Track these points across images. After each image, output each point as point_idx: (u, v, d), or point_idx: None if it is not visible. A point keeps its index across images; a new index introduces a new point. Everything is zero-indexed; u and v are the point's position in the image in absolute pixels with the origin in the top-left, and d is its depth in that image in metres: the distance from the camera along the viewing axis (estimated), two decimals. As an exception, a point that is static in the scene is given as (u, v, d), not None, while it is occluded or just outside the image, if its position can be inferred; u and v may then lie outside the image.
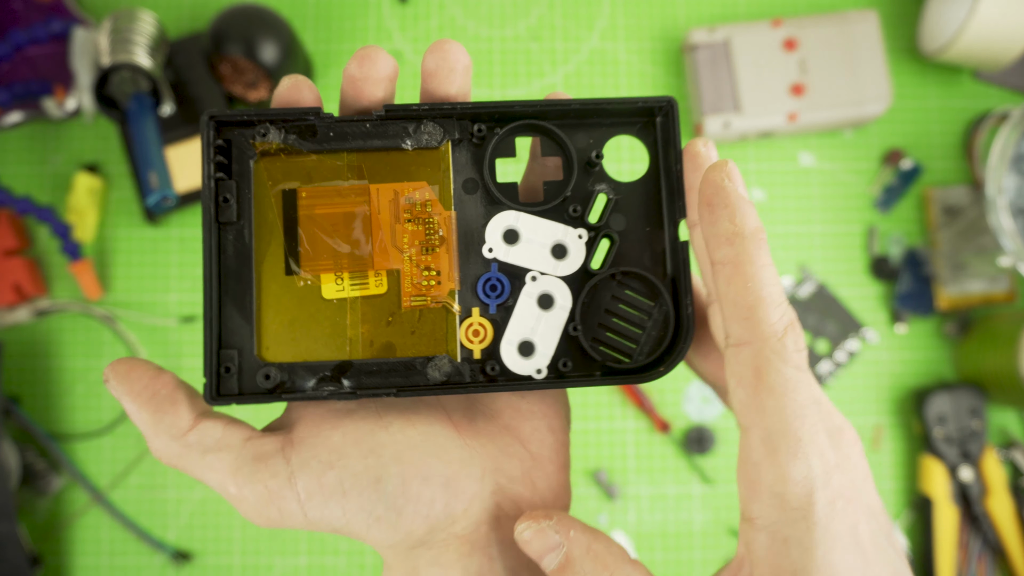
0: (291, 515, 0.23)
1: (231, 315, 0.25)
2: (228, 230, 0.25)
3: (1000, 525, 0.62)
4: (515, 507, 0.26)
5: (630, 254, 0.26)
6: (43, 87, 0.65)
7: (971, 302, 0.66)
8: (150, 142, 0.58)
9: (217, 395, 0.25)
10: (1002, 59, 0.63)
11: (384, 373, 0.25)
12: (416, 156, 0.25)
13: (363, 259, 0.25)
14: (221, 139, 0.24)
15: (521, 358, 0.25)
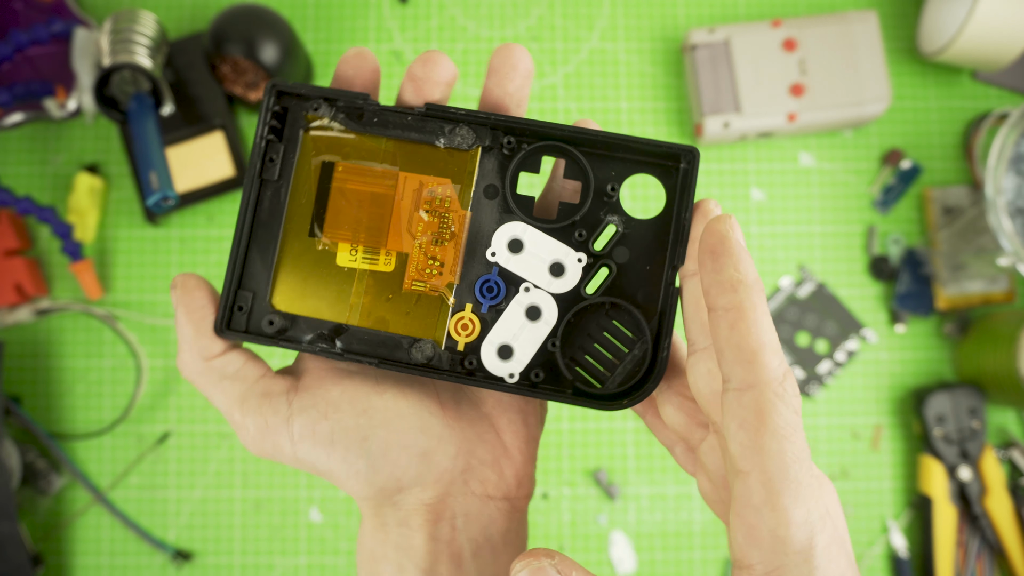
0: (282, 451, 0.26)
1: (254, 260, 0.27)
2: (268, 187, 0.27)
3: (999, 524, 0.62)
4: (482, 488, 0.28)
5: (625, 287, 0.27)
6: (44, 87, 0.65)
7: (970, 302, 0.66)
8: (151, 142, 0.58)
9: (226, 328, 0.27)
10: (1001, 59, 0.63)
11: (373, 343, 0.27)
12: (447, 154, 0.27)
13: (378, 237, 0.27)
14: (279, 106, 0.27)
15: (499, 360, 0.27)
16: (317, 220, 0.27)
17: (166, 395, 0.66)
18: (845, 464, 0.66)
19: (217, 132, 0.67)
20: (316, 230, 0.27)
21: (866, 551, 0.65)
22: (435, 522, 0.27)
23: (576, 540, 0.65)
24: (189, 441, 0.66)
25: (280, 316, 0.27)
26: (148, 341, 0.67)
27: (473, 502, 0.27)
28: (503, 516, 0.28)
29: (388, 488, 0.27)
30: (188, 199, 0.66)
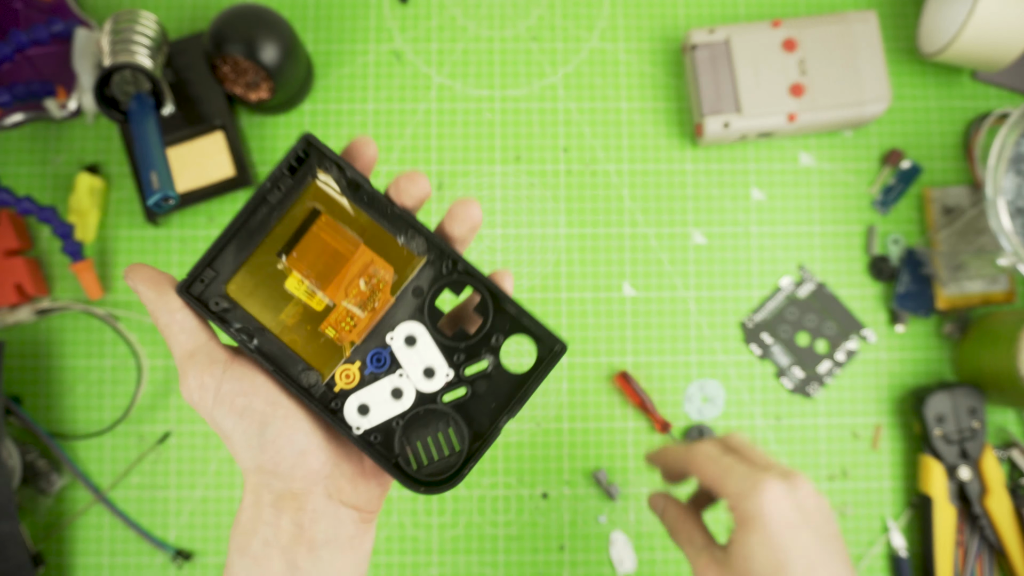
0: (203, 406, 0.32)
1: (229, 251, 0.33)
2: (265, 205, 0.33)
3: (999, 524, 0.63)
4: (339, 495, 0.34)
5: (471, 410, 0.34)
6: (45, 88, 0.65)
7: (970, 302, 0.66)
8: (151, 142, 0.58)
9: (185, 291, 0.33)
10: (1001, 59, 0.63)
11: (278, 353, 0.33)
12: (401, 249, 0.33)
13: (323, 282, 0.33)
14: (303, 152, 0.33)
15: (357, 413, 0.33)
16: (287, 247, 0.33)
17: (167, 395, 0.66)
18: (845, 464, 0.66)
19: (217, 132, 0.67)
20: (283, 253, 0.33)
21: (866, 551, 0.65)
22: (298, 510, 0.33)
23: (576, 540, 0.65)
24: (190, 441, 0.66)
25: (227, 300, 0.33)
26: (149, 341, 0.67)
27: (329, 504, 0.33)
28: (351, 523, 0.34)
29: (267, 468, 0.32)
30: (188, 199, 0.66)
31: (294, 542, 0.33)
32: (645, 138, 0.69)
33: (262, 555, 0.33)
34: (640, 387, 0.65)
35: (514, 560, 0.65)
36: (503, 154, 0.69)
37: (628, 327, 0.67)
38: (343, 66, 0.70)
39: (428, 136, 0.69)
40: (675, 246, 0.68)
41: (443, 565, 0.65)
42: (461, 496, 0.66)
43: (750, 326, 0.67)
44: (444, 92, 0.70)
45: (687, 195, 0.69)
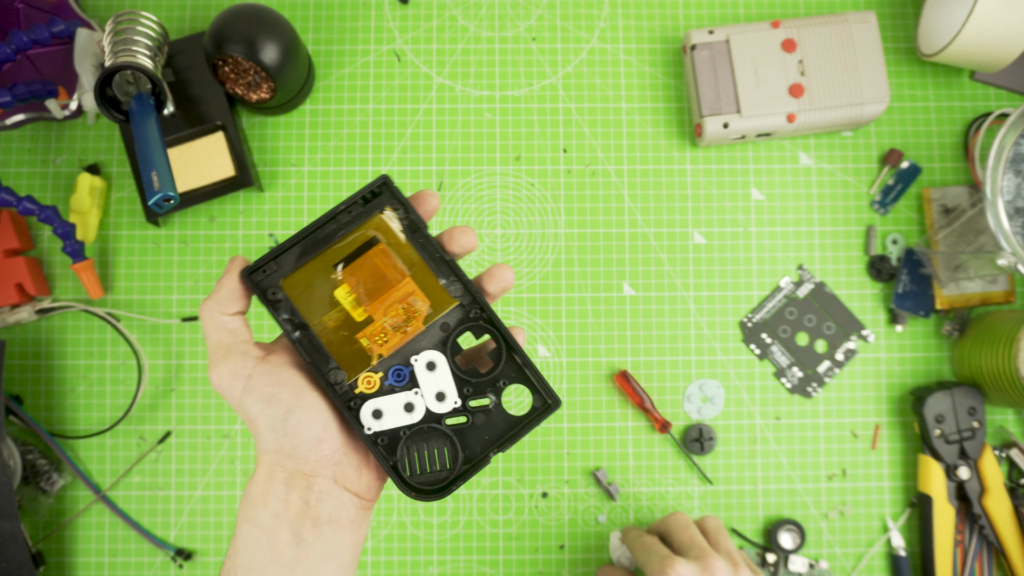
0: (232, 393, 0.36)
1: (294, 251, 0.38)
2: (335, 222, 0.39)
3: (998, 524, 0.63)
4: (343, 481, 0.38)
5: (468, 436, 0.39)
6: (46, 88, 0.65)
7: (969, 302, 0.66)
8: (152, 142, 0.58)
9: (248, 276, 0.38)
10: (1000, 60, 0.64)
11: (314, 348, 0.38)
12: (440, 288, 0.39)
13: (368, 299, 0.39)
14: (377, 188, 0.39)
15: (371, 416, 0.38)
16: (345, 262, 0.39)
17: (167, 395, 0.67)
18: (845, 464, 0.66)
19: (217, 132, 0.67)
20: (340, 267, 0.39)
21: (866, 551, 0.66)
22: (307, 489, 0.36)
23: (576, 539, 0.65)
24: (190, 440, 0.66)
25: (281, 292, 0.38)
26: (149, 341, 0.67)
27: (335, 487, 0.37)
28: (352, 507, 0.38)
29: (284, 450, 0.36)
30: (189, 199, 0.66)
31: (301, 516, 0.36)
32: (645, 138, 0.69)
33: (271, 526, 0.36)
34: (640, 387, 0.65)
35: (514, 560, 0.65)
36: (503, 154, 0.69)
37: (628, 327, 0.67)
38: (343, 66, 0.70)
39: (428, 136, 0.69)
40: (675, 246, 0.68)
41: (443, 565, 0.65)
42: (461, 496, 0.66)
43: (749, 326, 0.68)
44: (444, 92, 0.70)
45: (687, 195, 0.69)
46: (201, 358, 0.67)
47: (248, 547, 0.36)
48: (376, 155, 0.69)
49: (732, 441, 0.66)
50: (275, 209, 0.69)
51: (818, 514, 0.66)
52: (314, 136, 0.69)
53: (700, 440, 0.65)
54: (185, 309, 0.67)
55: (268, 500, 0.36)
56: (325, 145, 0.69)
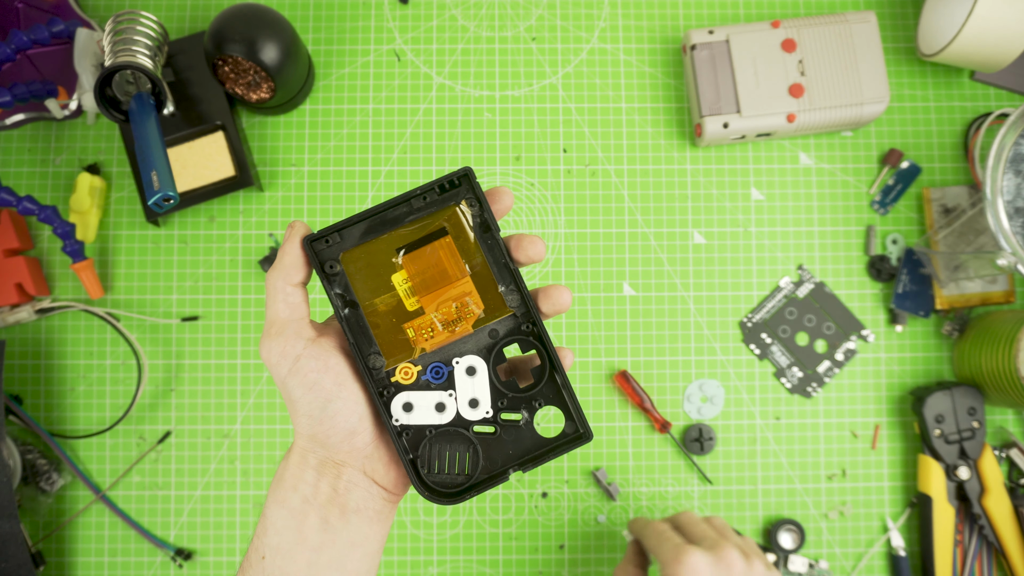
0: (279, 371, 0.36)
1: (360, 228, 0.38)
2: (407, 205, 0.38)
3: (998, 523, 0.63)
4: (372, 474, 0.38)
5: (491, 446, 0.38)
6: (46, 88, 0.65)
7: (969, 302, 0.66)
8: (152, 142, 0.58)
9: (309, 244, 0.37)
10: (1000, 60, 0.64)
11: (361, 330, 0.38)
12: (497, 295, 0.38)
13: (422, 290, 0.38)
14: (456, 179, 0.38)
15: (401, 407, 0.38)
16: (408, 248, 0.38)
17: (167, 394, 0.67)
18: (844, 464, 0.66)
19: (217, 132, 0.67)
20: (402, 252, 0.38)
21: (866, 551, 0.66)
22: (336, 477, 0.37)
23: (576, 539, 0.65)
24: (190, 440, 0.66)
25: (339, 266, 0.38)
26: (149, 341, 0.67)
27: (363, 479, 0.38)
28: (379, 499, 0.38)
29: (319, 437, 0.37)
30: (189, 199, 0.66)
31: (329, 503, 0.37)
32: (645, 138, 0.69)
33: (300, 509, 0.37)
34: (640, 386, 0.65)
35: (514, 560, 0.65)
36: (503, 154, 0.69)
37: (628, 327, 0.67)
38: (343, 66, 0.70)
39: (428, 136, 0.69)
40: (675, 246, 0.68)
41: (443, 565, 0.65)
42: (461, 496, 0.66)
43: (749, 326, 0.68)
44: (444, 92, 0.70)
45: (687, 195, 0.69)
46: (200, 358, 0.67)
47: (277, 528, 0.37)
48: (376, 155, 0.69)
49: (732, 441, 0.66)
50: (275, 209, 0.69)
51: (818, 514, 0.66)
52: (314, 136, 0.69)
53: (700, 440, 0.65)
54: (185, 309, 0.67)
55: (298, 484, 0.37)
56: (325, 145, 0.69)
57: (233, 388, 0.67)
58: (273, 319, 0.37)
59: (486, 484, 0.38)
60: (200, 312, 0.67)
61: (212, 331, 0.67)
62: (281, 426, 0.66)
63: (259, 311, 0.67)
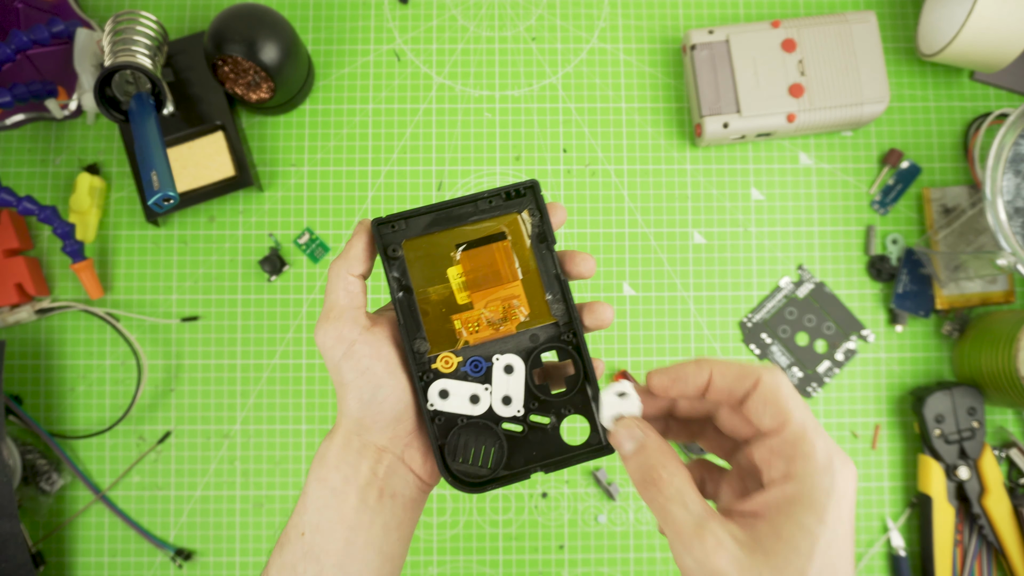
0: (333, 355, 0.38)
1: (425, 219, 0.40)
2: (474, 205, 0.40)
3: (997, 523, 0.63)
4: (410, 462, 0.39)
5: (517, 443, 0.39)
6: (46, 88, 0.65)
7: (969, 302, 0.66)
8: (151, 142, 0.58)
9: (378, 225, 0.39)
10: (1000, 60, 0.64)
11: (411, 314, 0.40)
12: (544, 302, 0.40)
13: (473, 286, 0.40)
14: (523, 189, 0.40)
15: (437, 392, 0.39)
16: (468, 245, 0.40)
17: (167, 395, 0.67)
18: (844, 464, 0.66)
19: (217, 132, 0.67)
20: (462, 248, 0.40)
21: (866, 550, 0.66)
22: (377, 461, 0.38)
23: (576, 539, 0.65)
24: (190, 440, 0.66)
25: (400, 251, 0.40)
26: (149, 341, 0.67)
27: (401, 465, 0.39)
28: (414, 487, 0.40)
29: (365, 422, 0.38)
30: (188, 199, 0.66)
31: (369, 485, 0.38)
32: (645, 138, 0.69)
33: (340, 489, 0.38)
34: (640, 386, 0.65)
35: (514, 560, 0.65)
36: (503, 154, 0.69)
37: (628, 327, 0.67)
38: (343, 66, 0.70)
39: (428, 136, 0.69)
40: (675, 246, 0.68)
41: (443, 565, 0.65)
42: (461, 496, 0.66)
43: (749, 326, 0.68)
44: (444, 92, 0.70)
45: (687, 195, 0.69)
46: (200, 358, 0.67)
47: (317, 506, 0.38)
48: (376, 155, 0.69)
49: (732, 441, 0.66)
50: (275, 209, 0.68)
51: (818, 514, 0.66)
52: (314, 136, 0.69)
53: (700, 440, 0.65)
54: (185, 309, 0.67)
55: (340, 464, 0.38)
56: (325, 145, 0.69)
57: (233, 388, 0.67)
58: (332, 304, 0.39)
59: (507, 480, 0.39)
60: (200, 312, 0.67)
61: (212, 331, 0.67)
62: (281, 426, 0.66)
63: (258, 311, 0.67)
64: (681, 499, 0.31)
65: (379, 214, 0.68)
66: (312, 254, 0.68)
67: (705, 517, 0.30)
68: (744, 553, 0.28)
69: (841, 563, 0.29)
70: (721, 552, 0.29)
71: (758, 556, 0.28)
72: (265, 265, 0.67)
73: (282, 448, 0.66)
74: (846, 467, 0.30)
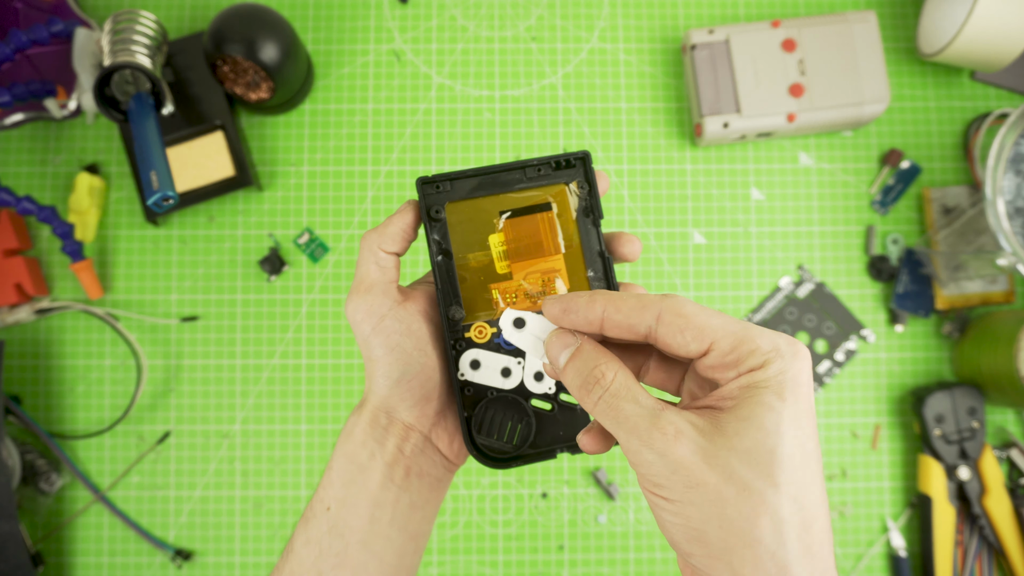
0: (362, 329, 0.37)
1: (470, 183, 0.39)
2: (520, 172, 0.39)
3: (998, 524, 0.63)
4: (437, 441, 0.39)
5: (544, 424, 0.39)
6: (45, 87, 0.65)
7: (969, 302, 0.66)
8: (151, 142, 0.58)
9: (423, 184, 0.38)
10: (1000, 60, 0.64)
11: (449, 279, 0.38)
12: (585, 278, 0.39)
13: (515, 256, 0.39)
14: (574, 159, 0.39)
15: (468, 363, 0.38)
16: (512, 213, 0.39)
17: (166, 395, 0.66)
18: (844, 464, 0.66)
19: (217, 132, 0.67)
20: (505, 215, 0.39)
21: (866, 550, 0.65)
22: (404, 440, 0.38)
23: (575, 539, 0.65)
24: (189, 441, 0.66)
25: (443, 213, 0.38)
26: (148, 341, 0.67)
27: (428, 445, 0.38)
28: (440, 467, 0.39)
29: (393, 399, 0.38)
30: (188, 199, 0.66)
31: (395, 462, 0.38)
32: (645, 138, 0.69)
33: (367, 465, 0.37)
34: (640, 387, 0.65)
35: (514, 560, 0.65)
36: (503, 154, 0.69)
37: (628, 327, 0.67)
38: (343, 66, 0.70)
39: (428, 136, 0.69)
40: (675, 246, 0.68)
41: (443, 565, 0.65)
42: (461, 496, 0.66)
43: (750, 326, 0.67)
44: (444, 92, 0.70)
45: (687, 195, 0.69)
46: (200, 358, 0.67)
47: (344, 480, 0.38)
48: (376, 155, 0.69)
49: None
50: (275, 209, 0.68)
51: (818, 514, 0.66)
52: (314, 136, 0.69)
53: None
54: (184, 309, 0.67)
55: (367, 440, 0.38)
56: (325, 145, 0.69)
57: (233, 388, 0.67)
58: (363, 277, 0.38)
59: (532, 458, 0.38)
60: (200, 312, 0.67)
61: (212, 331, 0.67)
62: (280, 426, 0.66)
63: (258, 311, 0.67)
64: (630, 394, 0.29)
65: (379, 214, 0.68)
66: (312, 254, 0.68)
67: (659, 408, 0.28)
68: (706, 439, 0.27)
69: (810, 444, 0.27)
70: (682, 440, 0.27)
71: (721, 439, 0.27)
72: (265, 265, 0.67)
73: (282, 448, 0.66)
74: (796, 350, 0.28)
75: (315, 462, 0.66)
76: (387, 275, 0.38)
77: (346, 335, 0.67)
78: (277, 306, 0.67)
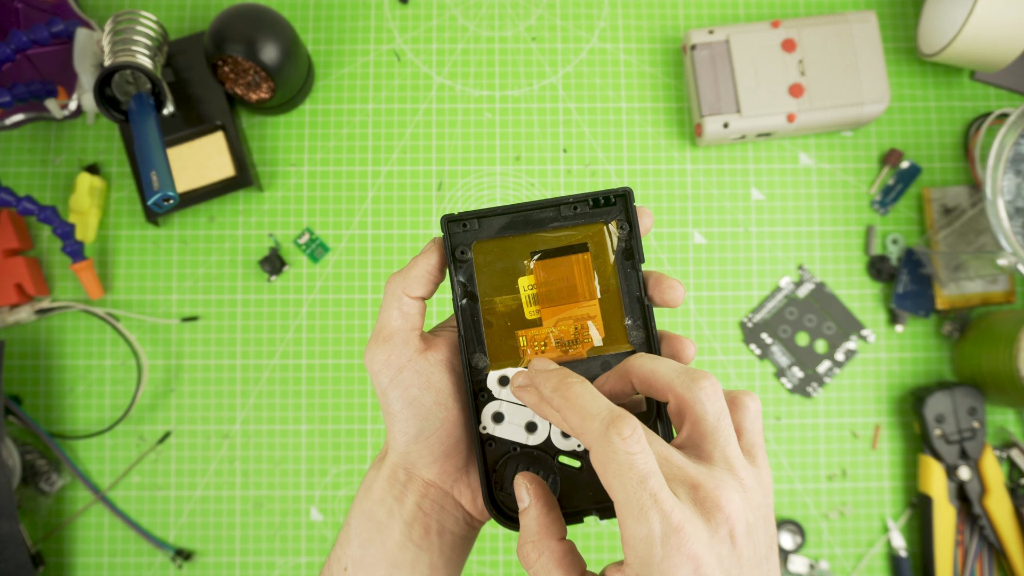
0: (380, 379, 0.35)
1: (500, 221, 0.36)
2: (554, 210, 0.36)
3: (998, 524, 0.63)
4: (459, 498, 0.37)
5: (570, 483, 0.35)
6: (46, 88, 0.65)
7: (969, 302, 0.66)
8: (151, 142, 0.58)
9: (448, 222, 0.36)
10: (1000, 60, 0.64)
11: (473, 325, 0.36)
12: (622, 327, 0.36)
13: (545, 301, 0.36)
14: (614, 197, 0.36)
15: (491, 416, 0.36)
16: (544, 254, 0.36)
17: (167, 395, 0.67)
18: (845, 464, 0.66)
19: (217, 132, 0.67)
20: (536, 256, 0.36)
21: (866, 551, 0.65)
22: (423, 496, 0.36)
23: (575, 540, 0.65)
24: (190, 441, 0.66)
25: (469, 253, 0.36)
26: (148, 341, 0.67)
27: (450, 502, 0.37)
28: (463, 524, 0.37)
29: (411, 457, 0.36)
30: (188, 199, 0.66)
31: (414, 521, 0.36)
32: (645, 138, 0.69)
33: (385, 524, 0.36)
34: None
35: (514, 560, 0.65)
36: (503, 154, 0.69)
37: (628, 327, 0.67)
38: (343, 66, 0.70)
39: (428, 136, 0.69)
40: (675, 246, 0.68)
41: (443, 565, 0.65)
42: (461, 496, 0.66)
43: (749, 326, 0.68)
44: (444, 92, 0.70)
45: (687, 195, 0.69)
46: (200, 358, 0.67)
47: (361, 540, 0.36)
48: (376, 155, 0.69)
49: (732, 441, 0.66)
50: (275, 209, 0.68)
51: (818, 514, 0.66)
52: (314, 136, 0.69)
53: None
54: (185, 309, 0.67)
55: (386, 497, 0.36)
56: (325, 145, 0.69)
57: (233, 388, 0.67)
58: (383, 325, 0.36)
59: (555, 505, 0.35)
60: (200, 312, 0.67)
61: (212, 331, 0.67)
62: (280, 426, 0.66)
63: (258, 311, 0.67)
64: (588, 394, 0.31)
65: (378, 214, 0.68)
66: (312, 254, 0.68)
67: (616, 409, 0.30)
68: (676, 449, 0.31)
69: None
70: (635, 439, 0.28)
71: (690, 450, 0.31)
72: (265, 265, 0.67)
73: (282, 448, 0.66)
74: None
75: (315, 462, 0.66)
76: (409, 322, 0.36)
77: (346, 335, 0.67)
78: (277, 306, 0.67)
